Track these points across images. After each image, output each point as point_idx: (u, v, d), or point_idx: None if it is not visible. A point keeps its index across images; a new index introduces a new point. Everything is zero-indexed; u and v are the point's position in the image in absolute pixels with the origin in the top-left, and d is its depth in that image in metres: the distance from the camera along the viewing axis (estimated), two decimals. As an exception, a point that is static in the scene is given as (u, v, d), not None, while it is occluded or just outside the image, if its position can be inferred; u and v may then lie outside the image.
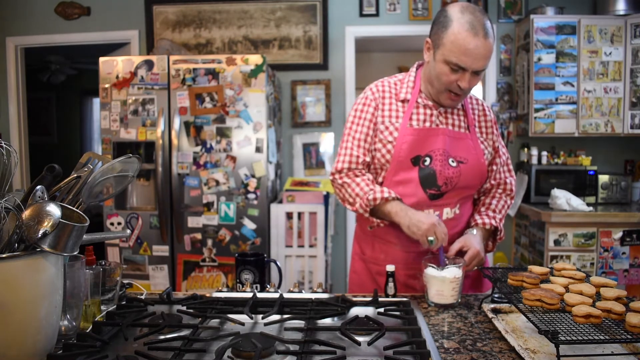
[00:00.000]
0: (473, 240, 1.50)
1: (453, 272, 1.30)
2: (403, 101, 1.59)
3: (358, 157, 1.58)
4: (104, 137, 3.06)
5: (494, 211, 1.63)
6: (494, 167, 1.67)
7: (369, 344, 1.01)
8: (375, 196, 1.50)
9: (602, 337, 0.96)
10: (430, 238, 1.40)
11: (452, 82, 1.45)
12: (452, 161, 1.54)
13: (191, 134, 3.02)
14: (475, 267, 1.48)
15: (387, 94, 1.61)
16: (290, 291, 1.40)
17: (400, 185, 1.54)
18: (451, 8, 1.43)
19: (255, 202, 3.03)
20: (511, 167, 1.72)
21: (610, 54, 3.40)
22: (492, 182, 1.68)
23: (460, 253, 1.47)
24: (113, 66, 3.04)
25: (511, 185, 1.70)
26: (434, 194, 1.54)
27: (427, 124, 1.56)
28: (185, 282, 3.07)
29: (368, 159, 1.59)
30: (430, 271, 1.32)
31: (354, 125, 1.60)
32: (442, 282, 1.29)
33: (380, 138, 1.56)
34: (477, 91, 4.13)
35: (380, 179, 1.59)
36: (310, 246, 3.16)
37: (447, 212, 1.57)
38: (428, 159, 1.53)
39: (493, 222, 1.59)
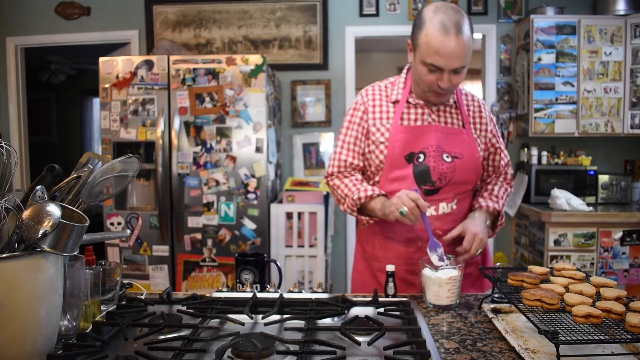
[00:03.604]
0: (471, 224, 1.50)
1: (448, 273, 1.29)
2: (394, 102, 1.61)
3: (346, 160, 1.63)
4: (104, 137, 3.06)
5: (496, 196, 1.65)
6: (496, 166, 1.70)
7: (369, 344, 1.01)
8: (359, 195, 1.54)
9: (602, 337, 0.96)
10: (401, 210, 1.40)
11: (433, 82, 1.47)
12: (447, 156, 1.55)
13: (191, 134, 3.02)
14: (479, 252, 1.47)
15: (377, 96, 1.64)
16: (290, 291, 1.40)
17: (396, 182, 1.56)
18: (426, 9, 1.47)
19: (255, 202, 3.03)
20: (509, 162, 1.75)
21: (610, 54, 3.40)
22: (492, 174, 1.72)
23: (461, 240, 1.47)
24: (113, 66, 3.04)
25: (510, 176, 1.74)
26: (428, 189, 1.55)
27: (419, 123, 1.58)
28: (185, 282, 3.07)
29: (357, 161, 1.63)
30: (427, 272, 1.32)
31: (343, 129, 1.67)
32: (438, 283, 1.29)
33: (373, 140, 1.59)
34: (477, 91, 4.14)
35: (377, 179, 1.61)
36: (310, 246, 3.16)
37: (444, 207, 1.58)
38: (422, 156, 1.55)
39: (496, 206, 1.60)
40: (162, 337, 1.06)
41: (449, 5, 1.44)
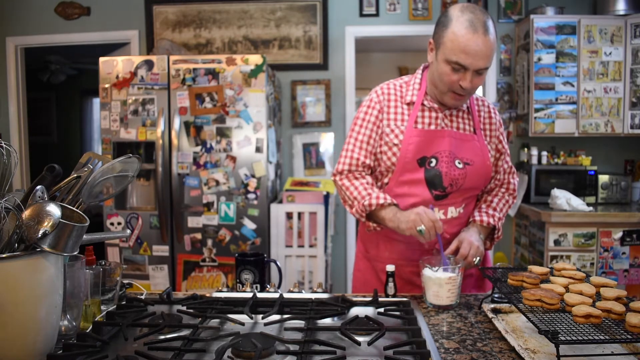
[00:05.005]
0: (466, 235, 1.51)
1: (448, 273, 1.29)
2: (409, 104, 1.59)
3: (358, 159, 1.60)
4: (104, 137, 3.06)
5: (494, 209, 1.64)
6: (499, 170, 1.68)
7: (369, 344, 1.01)
8: (370, 202, 1.52)
9: (602, 337, 0.96)
10: (419, 228, 1.39)
11: (454, 82, 1.45)
12: (459, 162, 1.55)
13: (191, 134, 3.02)
14: (476, 260, 1.47)
15: (392, 96, 1.61)
16: (290, 291, 1.40)
17: (406, 185, 1.56)
18: (452, 8, 1.45)
19: (255, 202, 3.03)
20: (514, 169, 1.74)
21: (610, 54, 3.40)
22: (496, 182, 1.70)
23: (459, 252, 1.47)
24: (113, 66, 3.04)
25: (514, 186, 1.72)
26: (439, 194, 1.55)
27: (432, 127, 1.57)
28: (185, 282, 3.07)
29: (369, 161, 1.60)
30: (427, 272, 1.32)
31: (356, 126, 1.62)
32: (438, 283, 1.29)
33: (386, 141, 1.57)
34: (477, 91, 4.14)
35: (386, 180, 1.60)
36: (310, 246, 3.15)
37: (452, 211, 1.58)
38: (434, 160, 1.54)
39: (491, 220, 1.59)
40: (162, 337, 1.06)
41: (475, 6, 1.44)
